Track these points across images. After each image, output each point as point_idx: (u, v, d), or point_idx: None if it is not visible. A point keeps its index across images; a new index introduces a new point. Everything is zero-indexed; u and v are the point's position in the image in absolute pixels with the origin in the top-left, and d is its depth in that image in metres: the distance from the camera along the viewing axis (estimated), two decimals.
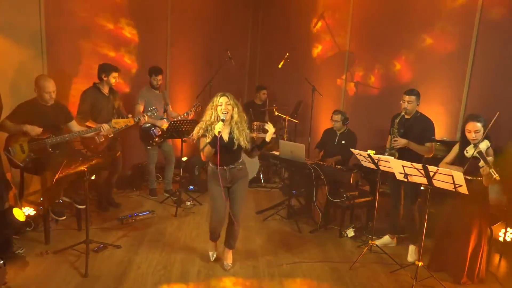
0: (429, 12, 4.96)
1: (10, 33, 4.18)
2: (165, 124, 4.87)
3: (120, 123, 4.10)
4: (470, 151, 3.22)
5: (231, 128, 3.22)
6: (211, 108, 3.18)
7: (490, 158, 3.05)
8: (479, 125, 3.19)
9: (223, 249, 3.59)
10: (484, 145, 3.13)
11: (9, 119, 3.62)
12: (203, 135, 3.18)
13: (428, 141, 3.71)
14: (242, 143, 3.20)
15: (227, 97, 3.16)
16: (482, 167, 3.04)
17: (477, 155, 3.08)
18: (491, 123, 3.14)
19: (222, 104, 3.13)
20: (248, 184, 5.85)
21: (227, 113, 3.13)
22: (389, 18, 5.47)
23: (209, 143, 3.11)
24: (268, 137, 3.23)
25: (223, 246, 3.58)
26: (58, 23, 4.66)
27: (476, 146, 3.16)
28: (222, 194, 3.29)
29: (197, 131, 3.22)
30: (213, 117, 3.16)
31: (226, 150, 3.18)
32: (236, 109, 3.19)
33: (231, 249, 3.56)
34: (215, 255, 3.63)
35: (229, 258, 3.54)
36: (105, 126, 3.97)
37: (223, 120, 3.10)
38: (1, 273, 2.86)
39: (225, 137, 3.20)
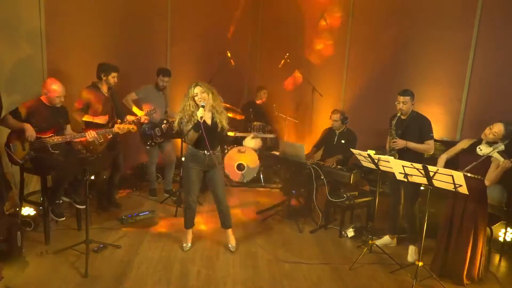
0: (429, 11, 4.96)
1: (9, 31, 4.17)
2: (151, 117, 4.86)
3: (123, 128, 4.07)
4: (484, 149, 3.20)
5: (212, 112, 3.46)
6: (188, 99, 3.40)
7: None
8: (503, 131, 3.16)
9: (224, 233, 3.85)
10: (502, 147, 3.13)
11: (12, 115, 3.63)
12: (187, 121, 3.41)
13: (427, 139, 3.72)
14: (224, 124, 3.48)
15: (200, 86, 3.39)
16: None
17: (495, 155, 3.08)
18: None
19: (197, 94, 3.37)
20: (248, 184, 5.90)
21: (203, 100, 3.36)
22: (389, 18, 5.47)
23: (192, 128, 3.36)
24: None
25: (224, 230, 3.83)
26: (59, 21, 4.65)
27: (492, 145, 3.17)
28: (198, 177, 3.56)
29: (178, 120, 3.46)
30: (192, 107, 3.39)
31: (210, 134, 3.38)
32: (211, 95, 3.42)
33: (229, 229, 3.81)
34: (188, 246, 3.77)
35: (231, 239, 3.82)
36: (91, 133, 3.90)
37: (203, 106, 3.32)
38: None
39: (209, 121, 3.43)
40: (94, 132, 3.90)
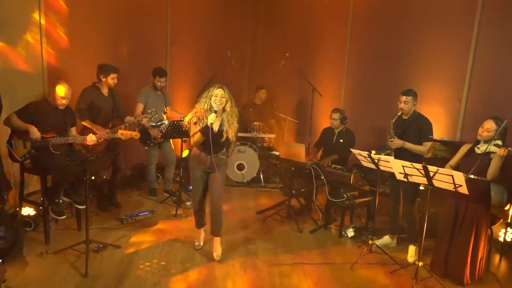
0: (429, 12, 4.96)
1: (9, 31, 4.17)
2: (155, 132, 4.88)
3: (126, 134, 4.05)
4: (482, 147, 3.25)
5: (222, 120, 3.37)
6: (206, 97, 3.32)
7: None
8: (495, 126, 3.20)
9: (211, 239, 3.71)
10: (499, 142, 3.19)
11: (17, 115, 3.64)
12: (195, 123, 3.34)
13: (426, 141, 3.70)
14: (230, 136, 3.40)
15: (223, 89, 3.31)
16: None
17: (492, 148, 3.12)
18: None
19: (217, 96, 3.27)
20: (248, 184, 5.87)
21: (220, 104, 3.28)
22: (389, 18, 5.47)
23: (199, 131, 3.29)
24: (208, 122, 3.24)
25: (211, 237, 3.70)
26: (59, 22, 4.65)
27: (488, 142, 3.19)
28: (201, 178, 3.56)
29: (189, 117, 3.38)
30: (206, 105, 3.30)
31: (214, 140, 3.31)
32: (229, 103, 3.34)
33: (217, 237, 3.64)
34: (201, 245, 3.82)
35: (216, 248, 3.64)
36: (91, 137, 3.85)
37: (215, 112, 3.24)
38: (1, 270, 2.87)
39: (215, 128, 3.35)
40: (95, 136, 3.88)
